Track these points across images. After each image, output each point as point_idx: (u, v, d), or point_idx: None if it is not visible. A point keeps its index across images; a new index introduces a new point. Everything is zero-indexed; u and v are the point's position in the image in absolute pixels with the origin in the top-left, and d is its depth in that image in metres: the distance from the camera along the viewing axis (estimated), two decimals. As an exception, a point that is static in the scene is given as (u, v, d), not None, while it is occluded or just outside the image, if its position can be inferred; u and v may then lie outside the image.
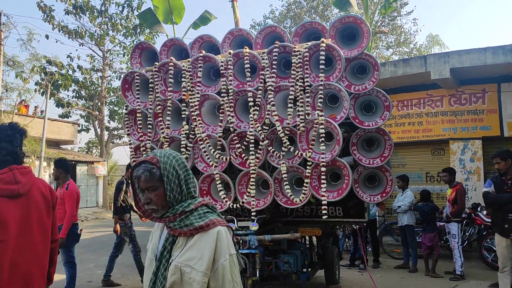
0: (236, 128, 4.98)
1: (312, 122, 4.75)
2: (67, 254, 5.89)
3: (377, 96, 5.04)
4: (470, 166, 9.62)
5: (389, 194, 5.12)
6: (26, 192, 2.32)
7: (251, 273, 4.84)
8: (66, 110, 25.11)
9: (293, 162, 4.95)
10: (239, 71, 5.15)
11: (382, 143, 5.11)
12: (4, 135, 2.34)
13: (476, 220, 8.14)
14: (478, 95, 9.65)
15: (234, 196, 5.11)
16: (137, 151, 5.43)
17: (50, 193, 2.48)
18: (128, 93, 5.45)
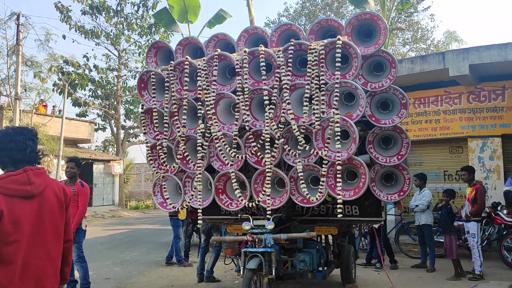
0: (251, 126, 4.97)
1: (327, 121, 4.72)
2: (79, 250, 5.99)
3: (394, 94, 4.98)
4: (490, 164, 9.45)
5: (406, 193, 5.06)
6: (40, 193, 2.36)
7: (267, 271, 4.82)
8: (83, 109, 25.46)
9: (309, 161, 4.92)
10: (254, 69, 5.14)
11: (399, 141, 5.05)
12: (21, 136, 2.40)
13: (496, 219, 7.98)
14: (498, 92, 9.46)
15: (249, 194, 5.10)
16: (154, 150, 5.47)
17: (63, 194, 2.52)
18: (144, 92, 5.48)
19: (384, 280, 6.98)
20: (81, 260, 6.04)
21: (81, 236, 6.08)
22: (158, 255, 9.69)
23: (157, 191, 5.57)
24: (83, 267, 6.00)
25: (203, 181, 5.30)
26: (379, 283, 6.81)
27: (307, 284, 6.72)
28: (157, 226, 16.53)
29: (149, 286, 6.73)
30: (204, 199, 5.28)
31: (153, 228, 15.90)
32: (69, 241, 2.59)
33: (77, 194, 5.85)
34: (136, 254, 9.93)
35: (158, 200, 5.56)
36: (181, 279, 7.13)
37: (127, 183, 29.68)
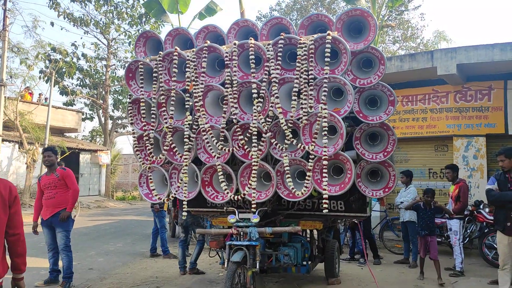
0: (239, 119, 4.96)
1: (315, 115, 4.73)
2: (66, 239, 5.99)
3: (382, 91, 5.01)
4: (474, 163, 9.59)
5: (391, 189, 5.10)
6: None
7: (251, 264, 4.84)
8: (70, 98, 25.17)
9: (296, 155, 4.93)
10: (244, 62, 5.12)
11: (386, 138, 5.08)
12: None
13: (479, 217, 8.11)
14: (484, 92, 9.58)
15: (236, 187, 5.10)
16: (140, 140, 5.43)
17: (9, 193, 2.79)
18: (132, 82, 5.43)
19: (367, 275, 7.06)
20: (67, 249, 6.05)
21: (70, 225, 6.10)
22: (143, 246, 9.66)
23: (143, 182, 5.54)
24: (68, 256, 6.00)
25: (189, 173, 5.29)
26: (362, 278, 6.89)
27: (291, 278, 6.77)
28: (143, 217, 16.48)
29: (133, 277, 6.71)
30: (190, 191, 5.27)
31: (139, 219, 15.84)
32: (16, 235, 2.81)
33: (62, 178, 6.05)
34: (120, 245, 9.89)
35: (143, 191, 5.53)
36: (166, 271, 7.12)
37: (114, 174, 29.47)
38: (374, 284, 6.49)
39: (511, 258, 5.09)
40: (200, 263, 7.95)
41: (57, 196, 6.06)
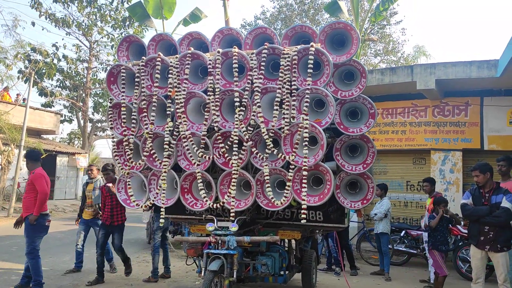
0: (220, 127, 4.95)
1: (297, 126, 4.75)
2: (31, 245, 5.83)
3: (363, 103, 5.07)
4: (450, 177, 9.77)
5: (369, 201, 5.15)
6: None
7: (228, 273, 4.81)
8: (49, 100, 24.71)
9: (276, 165, 4.95)
10: (227, 70, 5.12)
11: (366, 150, 5.14)
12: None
13: (453, 231, 8.25)
14: (461, 108, 9.81)
15: (215, 195, 5.07)
16: (120, 145, 5.36)
17: None
18: (113, 86, 5.37)
19: (343, 285, 7.09)
20: (32, 255, 5.86)
21: (36, 230, 5.90)
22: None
23: (121, 187, 5.46)
24: (34, 262, 5.82)
25: (169, 180, 5.24)
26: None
27: (269, 288, 6.75)
28: (119, 223, 16.20)
29: (107, 284, 6.58)
30: (169, 198, 5.22)
31: (115, 225, 15.57)
32: None
33: (31, 182, 5.99)
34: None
35: (121, 197, 5.45)
36: (141, 277, 7.00)
37: (92, 178, 28.97)
38: (350, 295, 6.52)
39: (483, 271, 5.18)
40: (176, 270, 7.86)
41: (25, 200, 5.99)
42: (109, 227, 6.72)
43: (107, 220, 6.70)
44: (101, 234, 6.78)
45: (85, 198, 7.51)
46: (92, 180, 7.56)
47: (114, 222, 6.69)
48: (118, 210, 6.71)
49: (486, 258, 5.17)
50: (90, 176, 7.64)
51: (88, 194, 7.46)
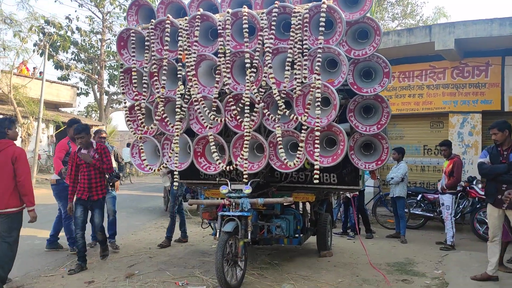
0: (232, 90, 4.90)
1: (309, 86, 4.67)
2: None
3: (377, 62, 4.94)
4: (469, 139, 9.58)
5: (384, 161, 5.09)
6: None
7: (242, 235, 4.86)
8: (65, 73, 24.88)
9: (288, 126, 4.90)
10: (237, 31, 5.02)
11: (380, 110, 5.05)
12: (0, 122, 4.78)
13: (471, 193, 8.17)
14: (481, 68, 9.51)
15: (228, 158, 5.08)
16: (132, 110, 5.37)
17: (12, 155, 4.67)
18: (124, 51, 5.33)
19: (359, 248, 7.12)
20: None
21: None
22: (137, 219, 9.72)
23: (135, 152, 5.51)
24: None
25: (182, 144, 5.26)
26: (353, 251, 6.96)
27: (283, 250, 6.83)
28: (138, 192, 16.52)
29: (126, 248, 6.74)
30: (182, 162, 5.25)
31: (133, 194, 15.86)
32: (18, 181, 4.66)
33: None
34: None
35: (136, 161, 5.50)
36: (158, 243, 7.16)
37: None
38: (365, 256, 6.55)
39: (500, 230, 5.13)
40: (193, 235, 8.01)
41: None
42: (88, 202, 5.57)
43: (84, 193, 5.53)
44: (79, 212, 5.56)
45: None
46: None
47: (93, 196, 5.56)
48: (98, 182, 5.60)
49: (503, 217, 5.10)
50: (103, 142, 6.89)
51: None
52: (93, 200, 5.57)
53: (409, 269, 5.82)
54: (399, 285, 5.10)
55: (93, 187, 5.55)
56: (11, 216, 4.66)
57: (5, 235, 4.62)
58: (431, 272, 5.71)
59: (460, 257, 6.26)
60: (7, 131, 4.75)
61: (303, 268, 5.73)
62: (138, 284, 4.89)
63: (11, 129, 4.78)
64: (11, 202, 4.65)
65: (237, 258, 4.83)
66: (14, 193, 4.68)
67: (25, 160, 4.81)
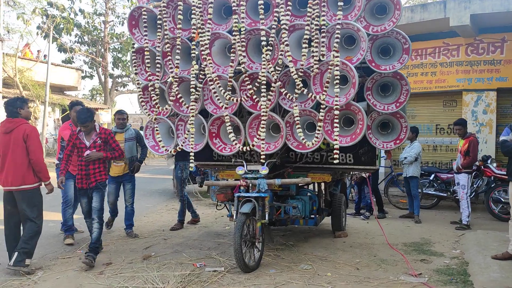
0: (247, 69, 4.77)
1: (327, 64, 4.55)
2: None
3: (396, 38, 4.80)
4: (483, 118, 9.43)
5: (403, 141, 5.00)
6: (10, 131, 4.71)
7: (260, 216, 4.81)
8: (69, 56, 24.73)
9: (305, 106, 4.79)
10: (251, 8, 4.88)
11: (398, 88, 4.92)
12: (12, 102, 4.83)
13: (486, 172, 8.05)
14: (497, 45, 9.28)
15: (244, 139, 4.99)
16: (145, 91, 5.27)
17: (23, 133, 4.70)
18: (135, 30, 5.20)
19: (373, 228, 7.09)
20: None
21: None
22: (148, 202, 9.71)
23: (149, 134, 5.43)
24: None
25: (196, 125, 5.17)
26: (368, 231, 6.91)
27: (298, 231, 6.80)
28: (147, 175, 16.52)
29: (140, 230, 6.72)
30: (197, 143, 5.17)
31: (143, 177, 15.86)
32: (31, 159, 4.70)
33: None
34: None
35: (149, 143, 5.43)
36: (171, 225, 7.14)
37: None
38: (380, 236, 6.51)
39: None
40: (205, 217, 8.00)
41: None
42: (88, 190, 5.09)
43: (83, 182, 5.05)
44: (83, 203, 5.19)
45: None
46: (122, 130, 6.32)
47: (91, 182, 5.04)
48: (96, 168, 5.05)
49: None
50: (118, 124, 6.38)
51: None
52: (91, 186, 5.06)
53: (427, 249, 5.76)
54: (418, 265, 5.05)
55: (91, 173, 5.03)
56: (29, 193, 4.72)
57: (28, 212, 4.68)
58: (449, 251, 5.66)
59: (477, 237, 6.19)
60: (19, 110, 4.75)
61: (319, 249, 5.70)
62: (156, 265, 4.87)
63: (23, 108, 4.78)
64: (27, 179, 4.70)
65: (255, 240, 4.79)
66: (29, 170, 4.72)
67: (36, 137, 4.81)
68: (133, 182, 6.50)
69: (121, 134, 6.28)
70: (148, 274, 4.56)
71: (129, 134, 6.32)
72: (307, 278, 4.51)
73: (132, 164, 6.29)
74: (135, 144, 6.35)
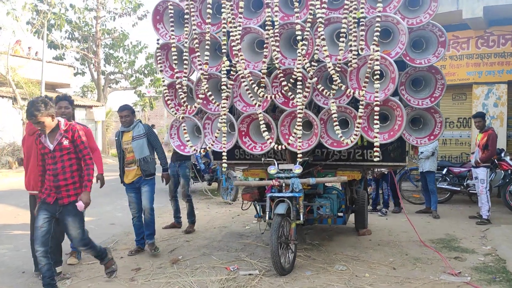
0: (280, 65, 4.60)
1: (364, 58, 4.40)
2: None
3: (431, 31, 4.68)
4: (494, 111, 9.40)
5: (437, 137, 4.88)
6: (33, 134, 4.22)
7: (294, 216, 4.67)
8: (60, 52, 24.17)
9: (340, 102, 4.64)
10: (282, 2, 4.70)
11: (433, 82, 4.80)
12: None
13: (502, 165, 7.99)
14: (508, 37, 9.24)
15: (276, 137, 4.82)
16: (171, 89, 5.07)
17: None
18: (160, 25, 4.98)
19: (395, 225, 7.01)
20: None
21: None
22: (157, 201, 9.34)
23: (174, 133, 5.23)
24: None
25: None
26: (390, 228, 6.82)
27: (320, 230, 6.67)
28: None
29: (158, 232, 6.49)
30: (226, 142, 4.98)
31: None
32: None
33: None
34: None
35: (175, 143, 5.23)
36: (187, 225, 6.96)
37: (107, 131, 28.96)
38: (404, 233, 6.43)
39: None
40: (221, 216, 7.83)
41: None
42: (55, 207, 3.86)
43: (50, 194, 3.87)
44: (41, 220, 3.84)
45: (123, 154, 5.43)
46: (129, 128, 5.37)
47: (62, 198, 3.86)
48: (69, 178, 3.87)
49: None
50: (124, 123, 5.39)
51: (126, 147, 5.38)
52: (62, 204, 3.84)
53: (456, 246, 5.69)
54: (453, 263, 4.96)
55: (62, 185, 3.83)
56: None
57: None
58: (479, 248, 5.59)
59: (504, 232, 6.14)
60: None
61: (348, 248, 5.58)
62: (188, 270, 4.69)
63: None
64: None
65: (290, 241, 4.64)
66: None
67: None
68: (151, 185, 5.48)
69: (128, 132, 5.37)
70: (183, 279, 4.38)
71: (138, 131, 5.33)
72: (346, 280, 4.39)
73: (145, 166, 5.33)
74: (146, 142, 5.33)
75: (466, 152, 9.99)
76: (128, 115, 5.36)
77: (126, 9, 25.01)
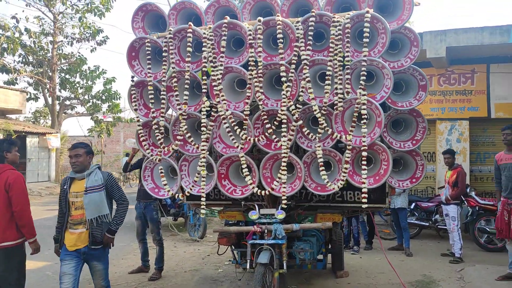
0: (263, 106, 4.43)
1: (350, 102, 4.31)
2: None
3: (412, 75, 4.69)
4: (457, 146, 9.66)
5: (419, 180, 4.83)
6: None
7: (277, 265, 4.42)
8: (13, 77, 23.05)
9: (325, 145, 4.51)
10: (265, 42, 4.57)
11: (413, 125, 4.79)
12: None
13: (470, 201, 8.14)
14: (467, 75, 9.62)
15: (257, 181, 4.59)
16: (145, 128, 4.76)
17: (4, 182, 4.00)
18: (135, 62, 4.70)
19: (371, 264, 6.90)
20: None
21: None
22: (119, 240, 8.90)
23: (148, 175, 4.89)
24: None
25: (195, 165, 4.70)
26: (366, 268, 6.70)
27: (297, 272, 6.42)
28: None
29: (125, 278, 6.06)
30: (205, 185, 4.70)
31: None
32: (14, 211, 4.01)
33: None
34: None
35: (149, 185, 4.88)
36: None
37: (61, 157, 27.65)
38: (381, 274, 6.33)
39: None
40: (191, 257, 7.44)
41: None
42: None
43: None
44: None
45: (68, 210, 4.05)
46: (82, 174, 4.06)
47: None
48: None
49: None
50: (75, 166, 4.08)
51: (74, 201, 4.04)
52: None
53: (436, 289, 5.62)
54: (437, 308, 4.86)
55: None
56: (8, 251, 4.01)
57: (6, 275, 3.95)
58: (459, 290, 5.54)
59: (481, 273, 6.14)
60: (6, 154, 4.12)
61: (329, 294, 5.37)
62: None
63: (10, 151, 4.15)
64: (8, 234, 4.01)
65: (273, 292, 4.37)
66: (11, 224, 4.04)
67: (21, 186, 4.11)
68: (105, 259, 4.18)
69: (80, 181, 4.07)
70: None
71: (93, 181, 4.04)
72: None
73: (97, 230, 4.02)
74: (104, 197, 4.06)
75: (431, 186, 10.17)
76: (81, 155, 4.06)
77: (84, 34, 24.36)
